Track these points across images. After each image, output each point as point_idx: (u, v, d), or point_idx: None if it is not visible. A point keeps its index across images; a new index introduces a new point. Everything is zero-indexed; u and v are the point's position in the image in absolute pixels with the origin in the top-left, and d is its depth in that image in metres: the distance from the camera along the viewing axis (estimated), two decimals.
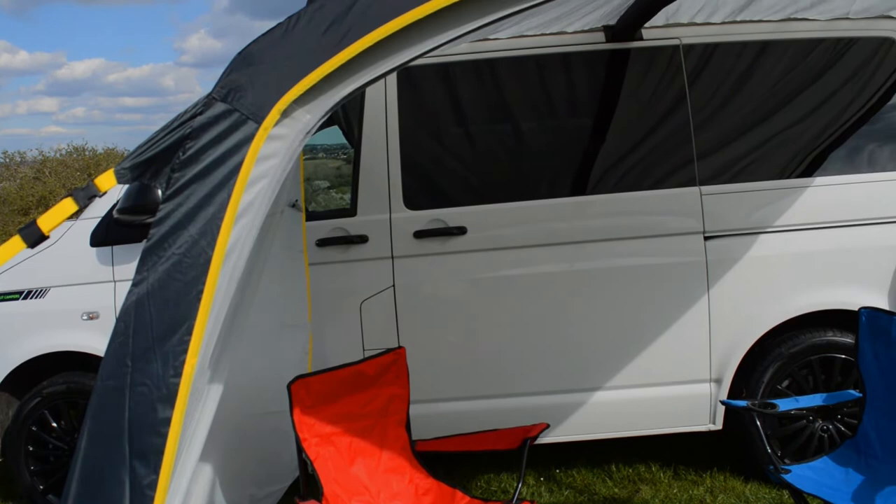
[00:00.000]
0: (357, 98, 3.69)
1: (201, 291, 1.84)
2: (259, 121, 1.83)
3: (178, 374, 1.85)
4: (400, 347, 3.14)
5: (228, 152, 1.85)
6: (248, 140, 1.84)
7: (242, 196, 1.84)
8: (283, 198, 3.22)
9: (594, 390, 3.79)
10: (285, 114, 1.84)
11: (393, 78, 3.71)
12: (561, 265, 3.74)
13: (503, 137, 3.85)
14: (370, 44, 1.77)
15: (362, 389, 3.06)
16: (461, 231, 3.70)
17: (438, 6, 1.70)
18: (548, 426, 3.00)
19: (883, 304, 3.79)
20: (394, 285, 3.72)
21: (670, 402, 3.81)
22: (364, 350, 3.72)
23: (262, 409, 3.23)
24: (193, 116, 1.91)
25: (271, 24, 1.92)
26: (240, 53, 1.92)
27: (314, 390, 2.89)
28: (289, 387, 2.79)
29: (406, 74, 3.71)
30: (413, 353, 3.36)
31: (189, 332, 1.84)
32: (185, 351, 1.86)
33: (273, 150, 1.85)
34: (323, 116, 1.88)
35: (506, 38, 3.71)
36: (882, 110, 3.90)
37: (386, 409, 3.08)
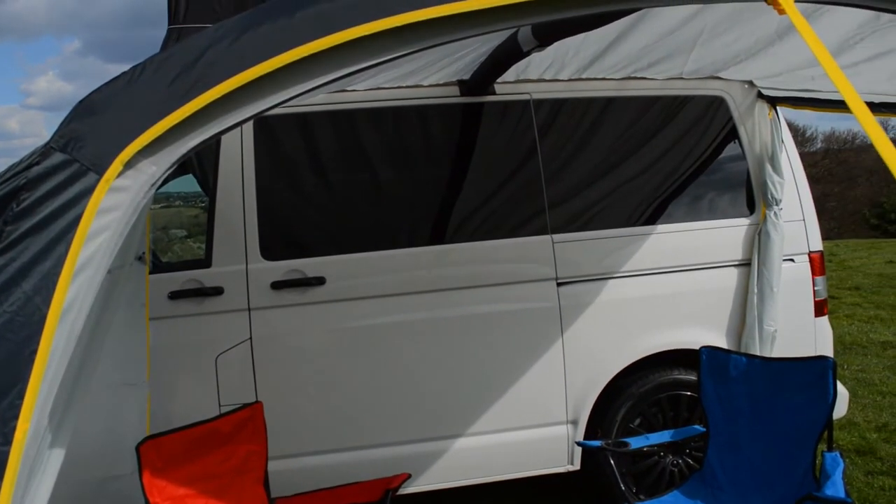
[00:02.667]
0: (212, 145, 3.61)
1: (34, 352, 1.72)
2: (100, 172, 1.75)
3: (8, 442, 1.71)
4: (257, 402, 3.06)
5: (67, 204, 1.76)
6: (88, 192, 1.75)
7: (81, 250, 1.74)
8: (130, 251, 3.09)
9: (455, 437, 3.81)
10: (129, 165, 1.76)
11: (249, 126, 3.66)
12: (420, 314, 3.76)
13: (362, 187, 3.85)
14: (219, 95, 1.74)
15: (217, 447, 2.96)
16: (320, 281, 3.66)
17: (288, 60, 1.70)
18: (409, 476, 3.00)
19: (722, 342, 4.04)
20: (251, 338, 3.62)
21: (530, 446, 3.88)
22: (220, 406, 3.58)
23: (103, 473, 3.04)
24: (30, 166, 1.80)
25: (125, 67, 1.86)
26: (81, 102, 1.84)
27: (166, 451, 2.77)
28: (137, 448, 2.65)
29: (263, 122, 3.67)
30: (271, 407, 3.28)
31: (21, 396, 1.71)
32: (17, 416, 1.72)
33: (115, 202, 1.77)
34: (169, 168, 1.82)
35: (363, 89, 3.75)
36: (716, 162, 4.20)
37: (243, 467, 2.99)
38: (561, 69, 3.78)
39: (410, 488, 3.70)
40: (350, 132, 3.83)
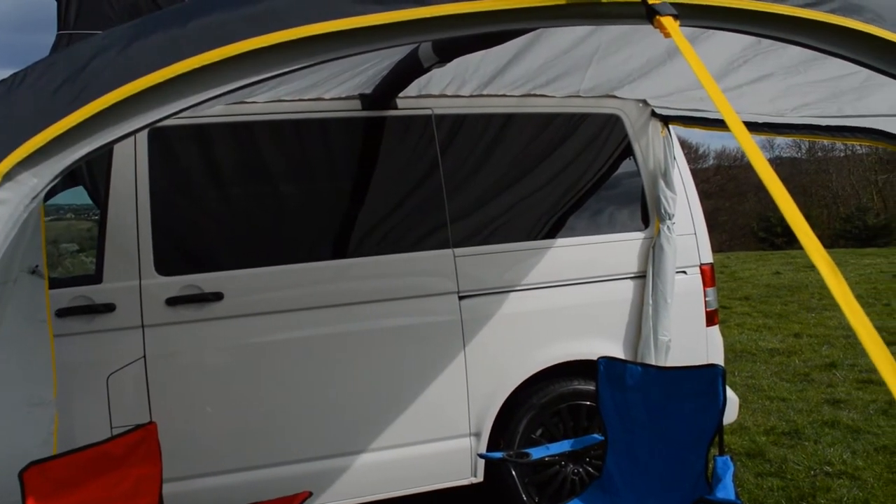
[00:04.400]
0: (104, 156, 3.48)
1: None
2: None
3: None
4: (150, 423, 2.95)
5: None
6: None
7: None
8: (15, 264, 2.94)
9: (359, 453, 3.77)
10: (8, 177, 1.68)
11: (143, 136, 3.54)
12: (322, 329, 3.71)
13: (262, 201, 3.78)
14: (106, 106, 1.67)
15: (108, 471, 2.84)
16: (217, 297, 3.56)
17: (179, 71, 1.66)
18: (311, 494, 2.95)
19: (619, 353, 4.15)
20: (144, 356, 3.49)
21: (434, 459, 3.88)
22: (112, 428, 3.43)
23: (4, 501, 2.87)
24: None
25: (11, 73, 1.77)
26: None
27: (53, 476, 2.64)
28: (20, 475, 2.52)
29: (158, 133, 3.55)
30: (167, 427, 3.18)
31: None
32: None
33: None
34: (53, 180, 1.74)
35: (263, 101, 3.70)
36: (612, 178, 4.33)
37: (136, 491, 2.88)
38: (462, 85, 3.82)
39: None
40: (250, 144, 3.76)
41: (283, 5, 1.67)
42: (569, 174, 4.20)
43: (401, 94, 3.79)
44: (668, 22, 1.72)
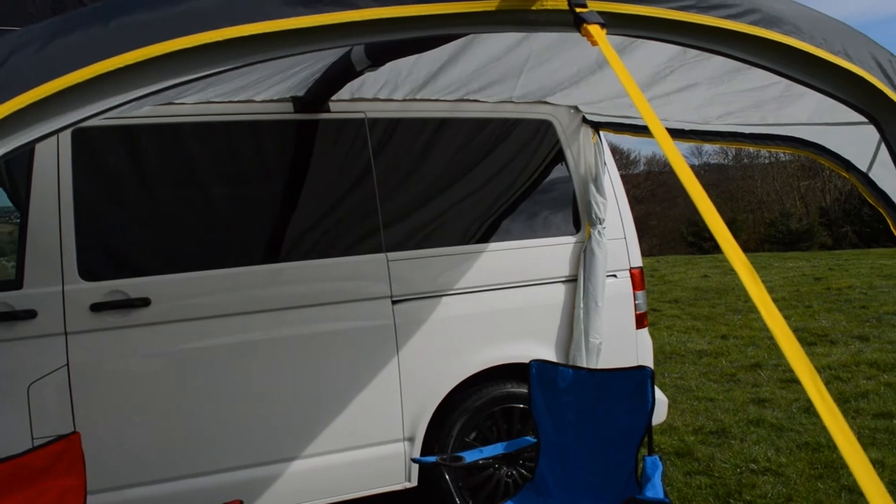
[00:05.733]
0: (24, 156, 3.36)
1: None
2: None
3: None
4: (74, 433, 2.86)
5: None
6: None
7: None
8: None
9: (292, 460, 3.72)
10: None
11: (67, 136, 3.43)
12: (254, 334, 3.65)
13: (191, 204, 3.70)
14: (23, 105, 1.61)
15: (29, 484, 2.73)
16: (144, 302, 3.47)
17: (100, 71, 1.61)
18: (241, 502, 2.90)
19: (551, 355, 4.20)
20: (68, 364, 3.38)
21: (368, 465, 3.86)
22: (33, 439, 3.31)
23: None
24: None
25: None
26: None
27: None
28: None
29: (83, 133, 3.44)
30: (92, 437, 3.09)
31: None
32: None
33: None
34: None
35: (192, 102, 3.62)
36: (545, 183, 4.38)
37: None
38: (395, 89, 3.82)
39: None
40: (178, 146, 3.67)
41: (208, 6, 1.64)
42: (502, 179, 4.24)
43: (334, 98, 3.77)
44: (595, 30, 1.75)
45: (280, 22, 1.63)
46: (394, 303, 3.87)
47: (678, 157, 1.46)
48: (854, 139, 2.80)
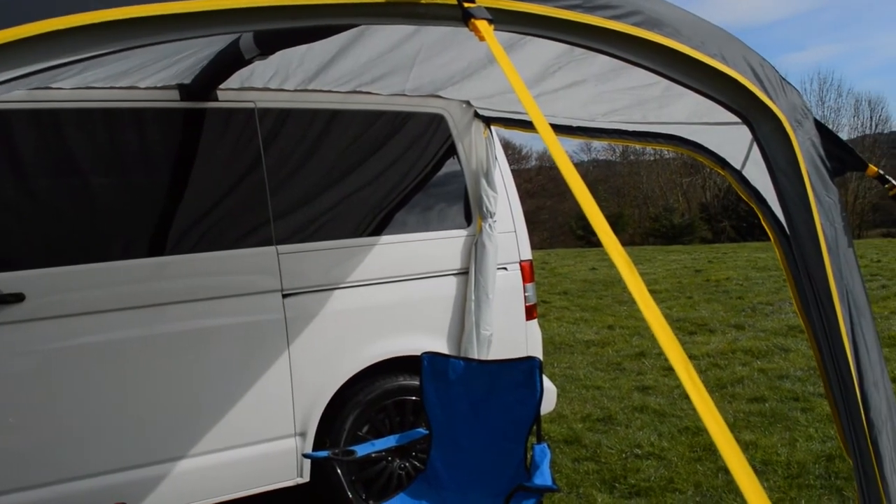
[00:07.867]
0: None
1: None
2: None
3: None
4: None
5: None
6: None
7: None
8: None
9: (178, 459, 3.61)
10: None
11: None
12: (137, 330, 3.51)
13: (68, 194, 3.50)
14: None
15: None
16: (17, 298, 3.28)
17: None
18: None
19: (443, 348, 4.24)
20: None
21: (258, 462, 3.79)
22: None
23: None
24: None
25: None
26: None
27: None
28: None
29: None
30: None
31: None
32: None
33: None
34: None
35: (70, 87, 3.45)
36: (437, 176, 4.41)
37: None
38: (286, 79, 3.75)
39: None
40: (54, 133, 3.47)
41: None
42: (394, 172, 4.24)
43: (222, 86, 3.67)
44: (482, 25, 1.77)
45: (159, 6, 1.57)
46: (284, 296, 3.81)
47: (561, 153, 1.50)
48: (729, 138, 2.94)
